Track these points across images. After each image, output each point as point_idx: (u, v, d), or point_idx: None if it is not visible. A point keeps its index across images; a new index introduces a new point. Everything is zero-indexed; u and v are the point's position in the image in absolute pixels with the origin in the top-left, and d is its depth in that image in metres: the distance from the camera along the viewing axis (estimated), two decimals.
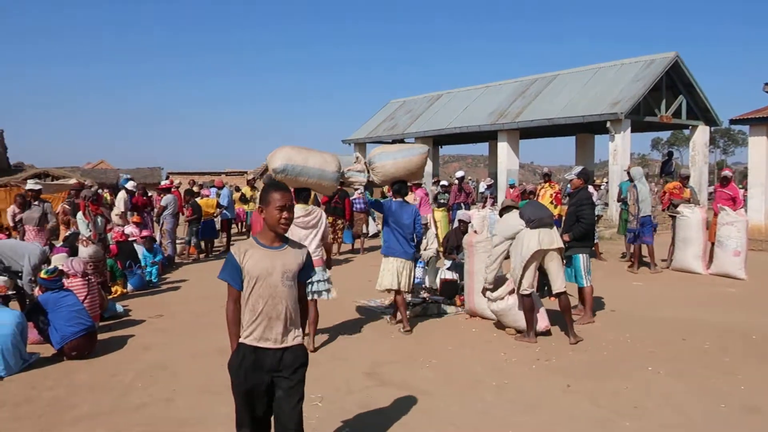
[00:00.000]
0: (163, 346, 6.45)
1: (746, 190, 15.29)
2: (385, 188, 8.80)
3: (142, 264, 9.93)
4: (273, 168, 6.32)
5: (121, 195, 13.49)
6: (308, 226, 6.23)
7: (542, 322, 6.56)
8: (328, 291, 6.35)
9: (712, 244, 10.44)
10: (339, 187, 7.74)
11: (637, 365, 5.58)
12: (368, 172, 7.12)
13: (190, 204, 12.86)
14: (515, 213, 6.56)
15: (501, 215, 6.89)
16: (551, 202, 11.30)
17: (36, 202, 9.98)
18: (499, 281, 6.77)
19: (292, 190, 5.95)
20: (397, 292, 6.90)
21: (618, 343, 6.31)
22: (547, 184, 12.33)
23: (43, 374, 5.60)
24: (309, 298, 6.08)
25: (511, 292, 6.60)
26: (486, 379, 5.30)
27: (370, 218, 15.64)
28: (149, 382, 5.33)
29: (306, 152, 6.46)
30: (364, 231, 14.38)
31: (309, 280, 6.59)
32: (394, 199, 7.01)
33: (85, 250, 8.22)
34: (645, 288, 9.43)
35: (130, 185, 12.57)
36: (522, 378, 5.32)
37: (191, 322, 7.60)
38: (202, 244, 13.76)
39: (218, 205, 13.95)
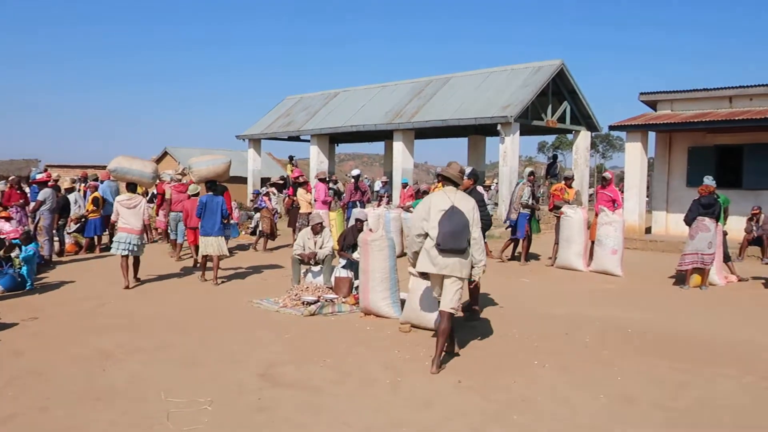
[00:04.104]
0: (37, 351, 6.01)
1: (623, 192, 16.33)
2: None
3: (22, 257, 9.18)
4: (109, 169, 9.84)
5: None
6: (130, 206, 9.34)
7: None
8: (140, 250, 9.52)
9: (593, 242, 11.06)
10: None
11: (525, 360, 5.79)
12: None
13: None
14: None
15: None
16: None
17: None
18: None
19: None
20: (213, 256, 9.68)
21: (506, 339, 6.52)
22: (440, 183, 12.56)
23: None
24: (126, 253, 9.26)
25: None
26: (380, 377, 5.31)
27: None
28: (21, 390, 4.93)
29: (132, 160, 9.81)
30: (262, 228, 13.97)
31: (128, 242, 9.26)
32: (206, 194, 9.92)
33: None
34: (531, 285, 9.84)
35: None
36: (416, 375, 5.36)
37: (69, 325, 7.11)
38: (83, 240, 13.09)
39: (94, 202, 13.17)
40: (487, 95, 18.90)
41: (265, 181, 22.42)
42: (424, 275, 5.78)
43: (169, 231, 13.06)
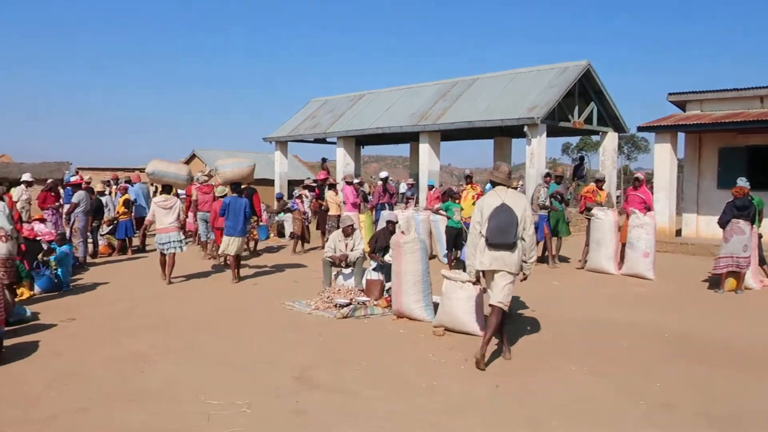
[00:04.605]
0: (75, 352, 6.11)
1: (652, 194, 16.11)
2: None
3: (54, 260, 9.35)
4: (147, 172, 10.38)
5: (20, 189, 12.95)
6: (166, 207, 9.93)
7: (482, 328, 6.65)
8: (180, 247, 9.98)
9: (623, 245, 10.93)
10: (246, 185, 11.21)
11: (561, 364, 5.74)
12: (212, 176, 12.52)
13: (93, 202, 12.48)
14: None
15: None
16: (473, 204, 11.49)
17: None
18: None
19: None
20: (232, 256, 10.13)
21: (542, 343, 6.47)
22: (469, 185, 12.55)
23: None
24: (166, 250, 9.87)
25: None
26: (415, 380, 5.31)
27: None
28: (61, 391, 5.02)
29: (167, 164, 10.50)
30: (293, 230, 14.14)
31: (168, 241, 9.85)
32: (230, 195, 10.57)
33: (4, 246, 7.64)
34: (562, 288, 9.75)
35: (26, 176, 13.38)
36: (451, 379, 5.35)
37: (104, 326, 7.22)
38: (116, 242, 13.31)
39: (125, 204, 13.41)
40: (513, 96, 18.79)
41: (294, 184, 22.54)
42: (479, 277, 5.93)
43: (199, 232, 13.26)
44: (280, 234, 16.71)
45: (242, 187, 10.81)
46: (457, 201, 11.44)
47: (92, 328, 7.13)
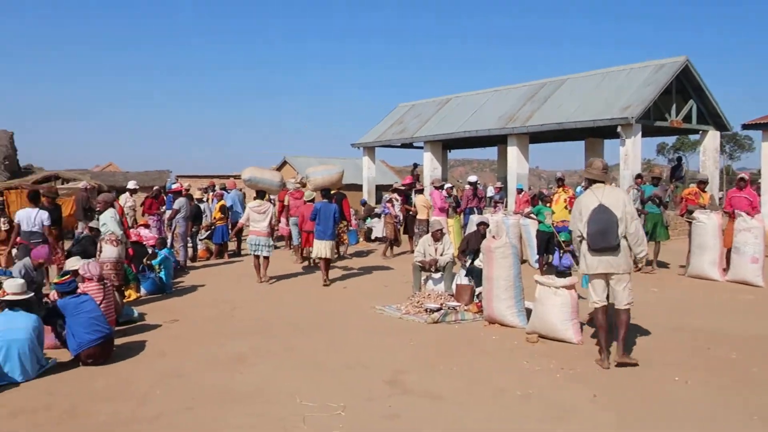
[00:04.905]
0: (179, 353, 6.38)
1: (759, 195, 15.15)
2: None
3: (156, 263, 9.86)
4: (243, 178, 11.10)
5: (125, 197, 13.71)
6: (261, 212, 10.61)
7: (578, 335, 6.51)
8: (270, 250, 10.62)
9: (728, 250, 10.32)
10: (336, 190, 11.70)
11: (664, 375, 5.47)
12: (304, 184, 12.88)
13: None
14: None
15: None
16: (565, 207, 11.20)
17: None
18: None
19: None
20: (323, 259, 10.38)
21: (642, 352, 6.18)
22: (561, 189, 12.23)
23: (60, 380, 5.53)
24: (258, 253, 10.54)
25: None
26: (510, 388, 5.20)
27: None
28: (167, 390, 5.24)
29: (262, 170, 11.29)
30: (386, 234, 14.30)
31: (257, 243, 10.49)
32: (321, 201, 10.88)
33: (115, 250, 8.15)
34: (662, 295, 9.31)
35: (131, 184, 14.36)
36: (547, 387, 5.21)
37: (205, 328, 7.52)
38: (214, 246, 13.84)
39: (222, 209, 13.95)
40: (605, 96, 18.20)
41: (382, 189, 22.69)
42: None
43: (292, 236, 13.64)
44: (368, 238, 16.90)
45: (332, 192, 11.11)
46: (548, 204, 11.17)
47: (194, 330, 7.44)
